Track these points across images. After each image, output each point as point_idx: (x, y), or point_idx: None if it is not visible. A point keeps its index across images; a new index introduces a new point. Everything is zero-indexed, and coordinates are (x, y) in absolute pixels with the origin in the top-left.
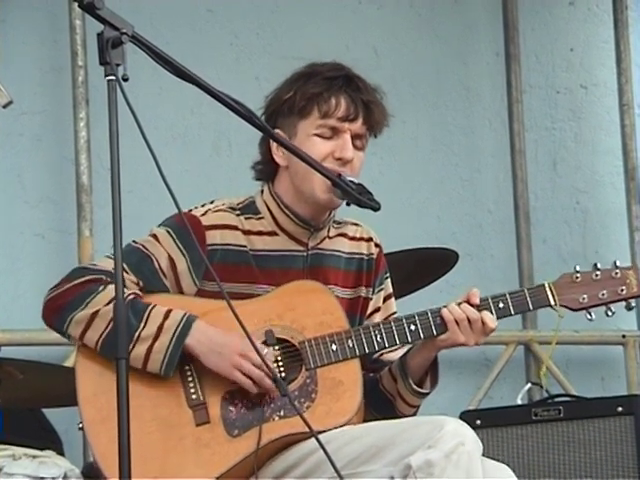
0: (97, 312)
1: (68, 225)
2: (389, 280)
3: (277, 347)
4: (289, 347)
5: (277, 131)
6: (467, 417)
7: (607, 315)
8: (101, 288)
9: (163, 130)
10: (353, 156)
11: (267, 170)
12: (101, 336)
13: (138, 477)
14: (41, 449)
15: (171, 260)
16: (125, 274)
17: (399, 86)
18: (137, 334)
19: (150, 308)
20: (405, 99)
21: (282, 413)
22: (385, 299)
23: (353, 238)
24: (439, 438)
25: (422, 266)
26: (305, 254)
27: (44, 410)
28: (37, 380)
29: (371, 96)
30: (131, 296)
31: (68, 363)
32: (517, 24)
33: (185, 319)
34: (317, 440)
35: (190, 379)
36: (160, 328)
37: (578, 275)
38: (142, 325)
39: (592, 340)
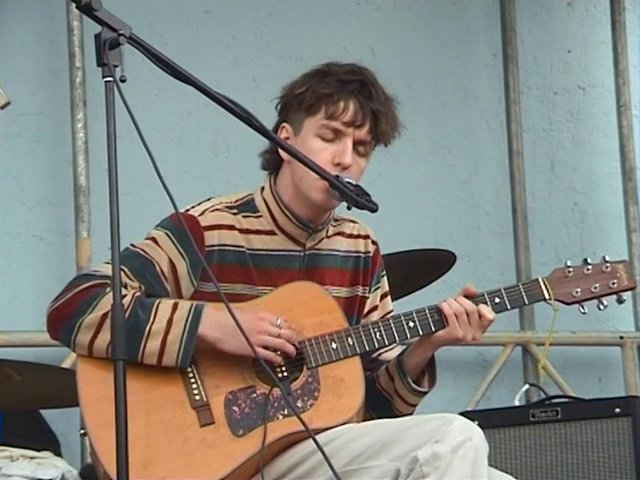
0: (107, 314)
1: (66, 226)
2: (385, 278)
3: None
4: None
5: (285, 124)
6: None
7: (599, 309)
8: (108, 290)
9: (161, 131)
10: (352, 162)
11: (273, 161)
12: None
13: (145, 479)
14: (39, 450)
15: (171, 263)
16: (127, 280)
17: (397, 87)
18: (148, 329)
19: (157, 303)
20: (403, 100)
21: (286, 412)
22: (382, 297)
23: (350, 235)
24: (447, 432)
25: (420, 267)
26: (302, 254)
27: (42, 411)
28: (35, 381)
29: (382, 105)
30: (137, 294)
31: (66, 364)
32: (515, 25)
33: (194, 309)
34: (314, 441)
35: (193, 380)
36: (170, 321)
37: (570, 270)
38: (152, 319)
39: (589, 341)
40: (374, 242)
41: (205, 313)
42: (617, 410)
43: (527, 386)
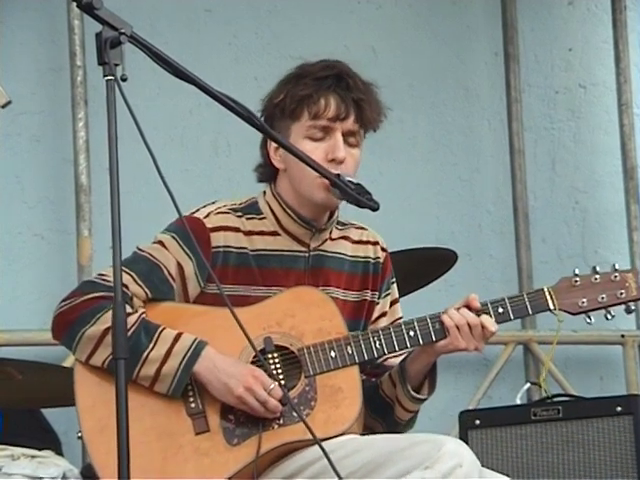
0: (108, 329)
1: (67, 225)
2: (395, 285)
3: (276, 354)
4: (288, 354)
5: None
6: (466, 417)
7: (607, 319)
8: (112, 305)
9: (162, 130)
10: (345, 155)
11: (268, 172)
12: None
13: None
14: (40, 449)
15: (179, 266)
16: (134, 285)
17: (397, 86)
18: (145, 355)
19: (161, 329)
20: (404, 99)
21: (282, 421)
22: (392, 304)
23: (359, 242)
24: (437, 459)
25: (421, 266)
26: (307, 255)
27: (43, 410)
28: (36, 380)
29: (362, 94)
30: (143, 315)
31: (67, 363)
32: (516, 24)
33: (194, 346)
34: (321, 448)
35: (189, 388)
36: (169, 352)
37: (577, 279)
38: (151, 346)
39: (591, 340)
40: (384, 249)
41: (204, 353)
42: (618, 409)
43: (528, 385)
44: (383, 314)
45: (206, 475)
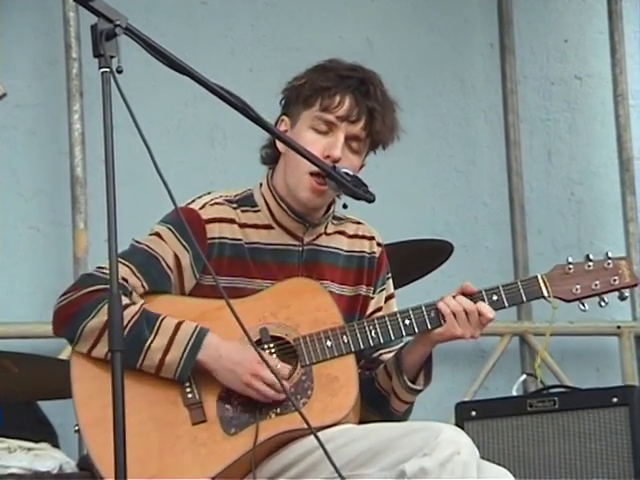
0: None
1: (63, 218)
2: (391, 281)
3: (272, 345)
4: (284, 344)
5: (284, 117)
6: (462, 408)
7: (600, 306)
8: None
9: (157, 122)
10: (341, 155)
11: (271, 155)
12: None
13: (135, 477)
14: (36, 442)
15: (176, 257)
16: (132, 278)
17: (393, 78)
18: (147, 345)
19: (161, 318)
20: (399, 91)
21: (279, 410)
22: (387, 299)
23: (354, 236)
24: (435, 446)
25: (417, 258)
26: (300, 249)
27: (39, 403)
28: (32, 373)
29: (379, 105)
30: (145, 305)
31: (63, 356)
32: (512, 15)
33: (196, 334)
34: (316, 437)
35: (186, 378)
36: (170, 342)
37: (571, 266)
38: (152, 336)
39: (587, 331)
40: (379, 244)
41: (207, 341)
42: (614, 400)
43: (524, 376)
44: (378, 309)
45: (204, 465)
